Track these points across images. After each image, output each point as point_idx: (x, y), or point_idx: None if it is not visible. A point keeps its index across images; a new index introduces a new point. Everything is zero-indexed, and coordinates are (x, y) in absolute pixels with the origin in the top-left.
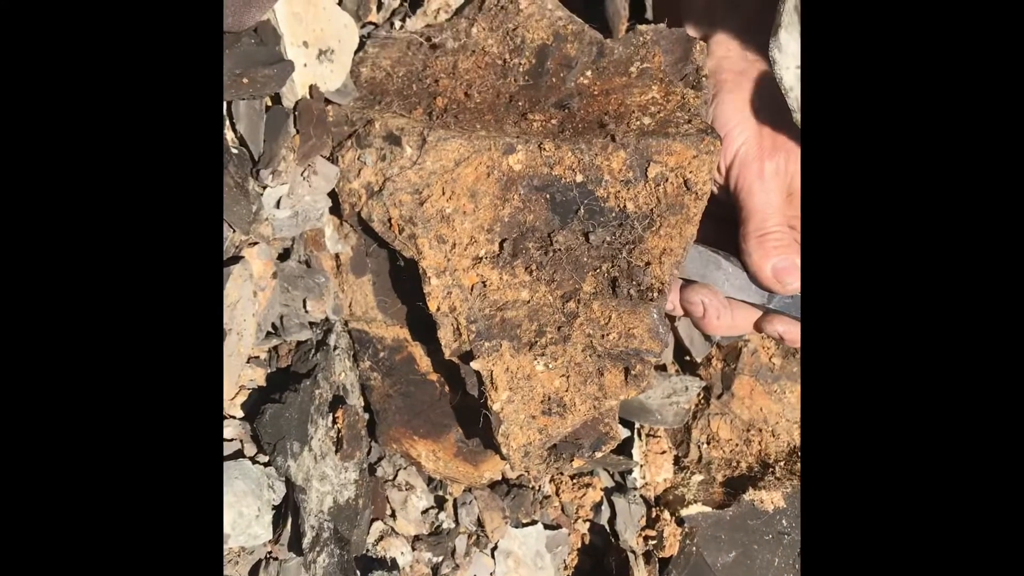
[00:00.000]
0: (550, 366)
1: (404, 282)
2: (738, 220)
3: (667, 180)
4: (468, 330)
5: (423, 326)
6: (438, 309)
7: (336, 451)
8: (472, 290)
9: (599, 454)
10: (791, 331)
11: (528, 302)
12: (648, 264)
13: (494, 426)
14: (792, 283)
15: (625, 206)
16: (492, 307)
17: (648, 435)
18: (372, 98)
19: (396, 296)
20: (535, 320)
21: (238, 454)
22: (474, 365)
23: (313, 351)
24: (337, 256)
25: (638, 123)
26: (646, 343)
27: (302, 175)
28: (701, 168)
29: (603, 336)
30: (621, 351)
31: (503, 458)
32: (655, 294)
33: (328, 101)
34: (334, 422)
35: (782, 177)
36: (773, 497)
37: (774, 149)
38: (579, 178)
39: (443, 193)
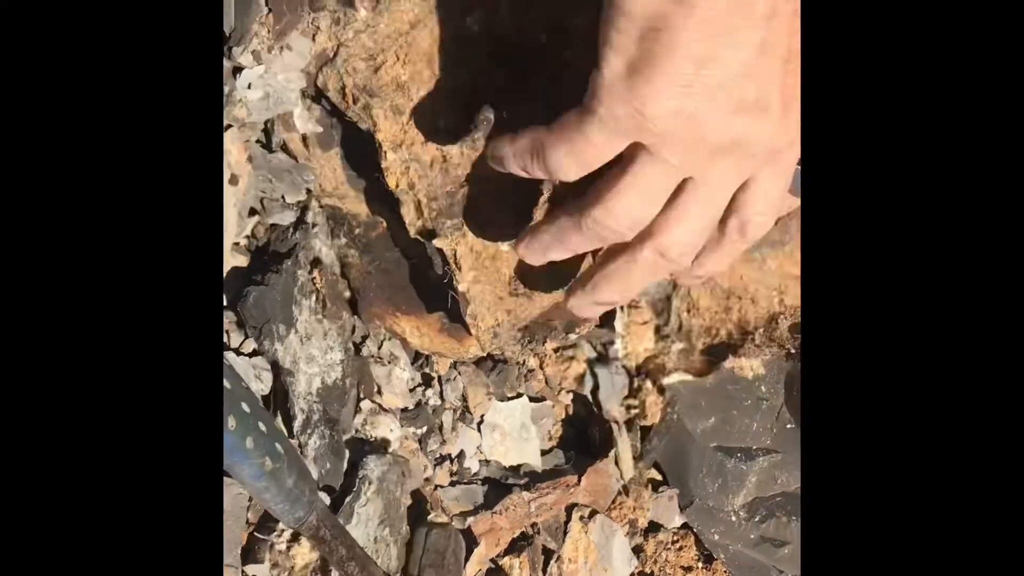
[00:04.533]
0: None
1: (368, 156)
2: None
3: None
4: (429, 208)
5: (391, 201)
6: (397, 185)
7: (321, 312)
8: (432, 165)
9: (573, 336)
10: None
11: (493, 177)
12: None
13: (462, 307)
14: None
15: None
16: (454, 183)
17: (630, 306)
18: None
19: (364, 171)
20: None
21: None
22: (436, 243)
23: (292, 230)
24: (304, 136)
25: None
26: None
27: (278, 50)
28: None
29: None
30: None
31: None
32: None
33: None
34: (313, 284)
35: None
36: (752, 364)
37: None
38: (543, 38)
39: (398, 59)
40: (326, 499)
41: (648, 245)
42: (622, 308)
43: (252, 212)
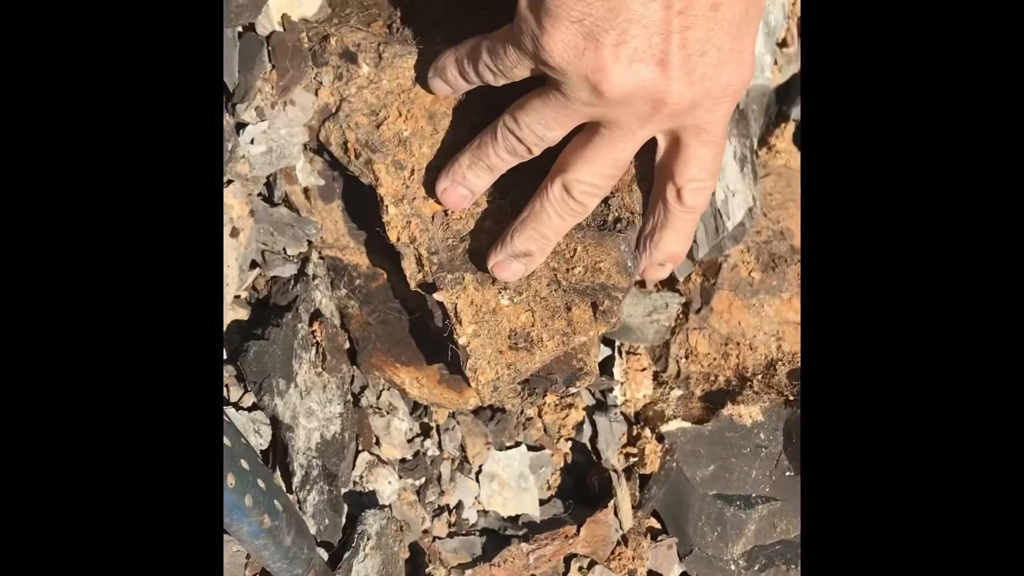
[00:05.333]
0: (515, 300)
1: (370, 208)
2: None
3: None
4: (430, 261)
5: (392, 253)
6: (398, 239)
7: (321, 366)
8: (433, 219)
9: (573, 389)
10: None
11: (492, 232)
12: (616, 191)
13: (462, 360)
14: None
15: None
16: (454, 237)
17: (628, 352)
18: (332, 11)
19: (365, 222)
20: None
21: None
22: (437, 297)
23: (292, 283)
24: (306, 188)
25: None
26: (613, 278)
27: (281, 105)
28: None
29: (568, 270)
30: (587, 286)
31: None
32: (624, 224)
33: (305, 21)
34: (313, 336)
35: None
36: (751, 411)
37: None
38: None
39: (400, 115)
40: (324, 555)
41: (556, 180)
42: (620, 354)
43: (253, 265)
